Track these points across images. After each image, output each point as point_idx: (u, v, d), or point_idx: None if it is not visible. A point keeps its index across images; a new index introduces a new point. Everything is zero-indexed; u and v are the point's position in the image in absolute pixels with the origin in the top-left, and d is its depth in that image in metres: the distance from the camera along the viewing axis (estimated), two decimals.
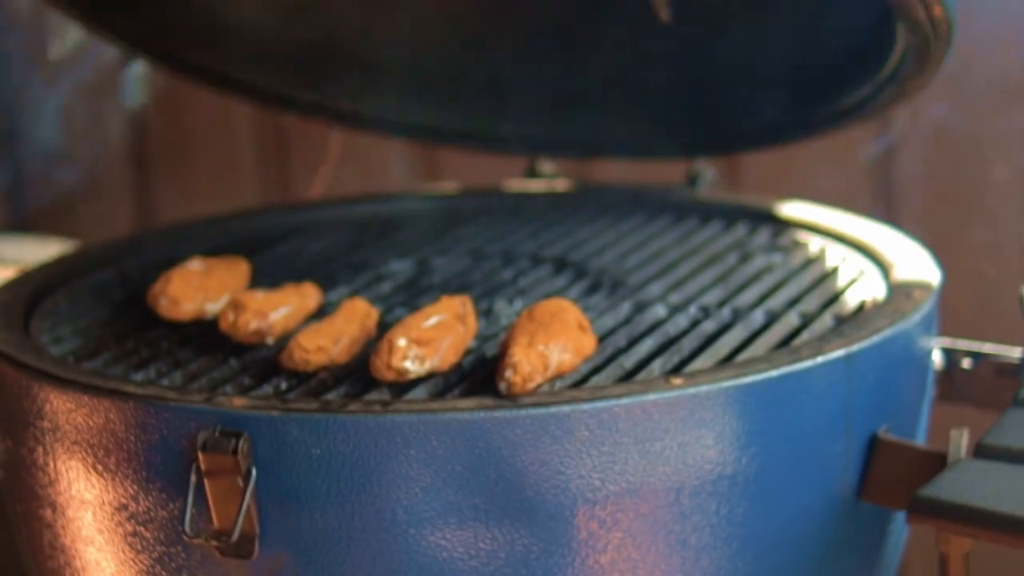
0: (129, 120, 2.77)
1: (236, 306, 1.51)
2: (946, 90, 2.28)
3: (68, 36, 2.65)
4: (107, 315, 1.64)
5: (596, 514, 1.29)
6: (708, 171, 2.07)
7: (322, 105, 2.16)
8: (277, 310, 1.52)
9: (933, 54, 1.56)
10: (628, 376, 1.44)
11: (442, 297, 1.50)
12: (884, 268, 1.68)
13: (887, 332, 1.44)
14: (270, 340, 1.51)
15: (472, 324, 1.46)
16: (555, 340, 1.38)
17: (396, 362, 1.38)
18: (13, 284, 1.67)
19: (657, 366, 1.45)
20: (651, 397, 1.29)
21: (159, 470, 1.31)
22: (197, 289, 1.59)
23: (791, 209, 1.92)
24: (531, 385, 1.32)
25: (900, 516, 1.50)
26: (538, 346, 1.36)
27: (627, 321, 1.59)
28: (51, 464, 1.39)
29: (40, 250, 2.27)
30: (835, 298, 1.63)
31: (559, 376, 1.40)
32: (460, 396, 1.38)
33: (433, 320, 1.43)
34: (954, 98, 2.32)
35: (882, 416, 1.44)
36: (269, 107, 2.29)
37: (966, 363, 1.66)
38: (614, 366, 1.44)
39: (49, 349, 1.50)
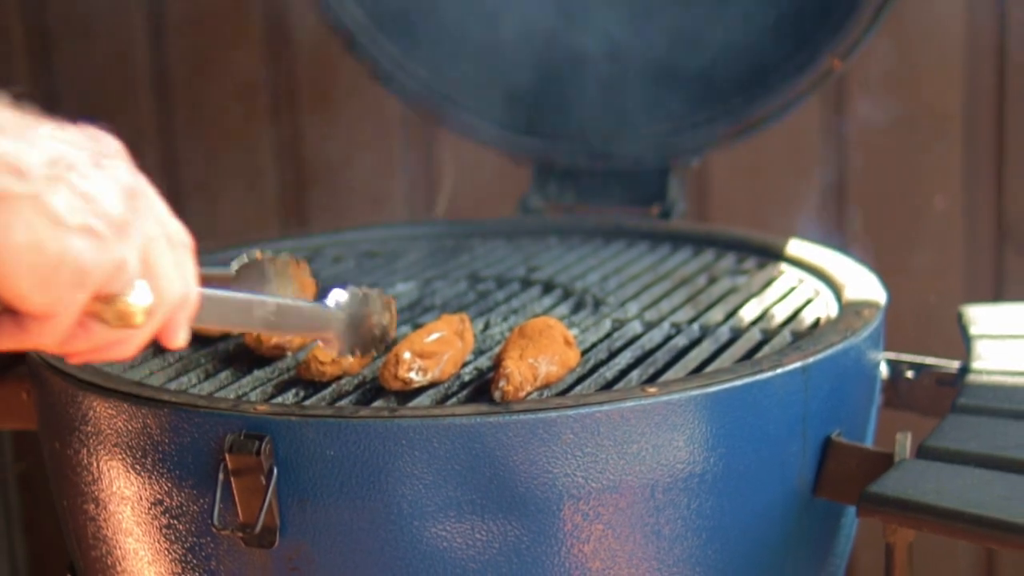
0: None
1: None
2: (892, 125, 2.29)
3: None
4: None
5: (580, 508, 1.29)
6: (680, 203, 2.08)
7: None
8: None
9: None
10: (608, 385, 1.44)
11: (442, 315, 1.51)
12: (836, 290, 1.68)
13: (839, 346, 1.44)
14: (290, 353, 1.51)
15: (469, 339, 1.46)
16: (543, 354, 1.39)
17: (402, 373, 1.38)
18: None
19: (634, 376, 1.46)
20: (629, 404, 1.29)
21: (190, 469, 1.31)
22: None
23: (753, 237, 1.92)
24: (522, 393, 1.33)
25: (851, 510, 1.50)
26: (528, 359, 1.36)
27: (607, 336, 1.59)
28: (94, 464, 1.39)
29: None
30: (793, 316, 1.63)
31: (547, 385, 1.40)
32: (459, 403, 1.38)
33: (435, 336, 1.43)
34: (899, 133, 2.33)
35: (835, 421, 1.44)
36: None
37: (909, 374, 1.67)
38: (596, 376, 1.44)
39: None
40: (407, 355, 1.39)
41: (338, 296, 1.28)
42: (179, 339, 1.07)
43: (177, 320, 1.06)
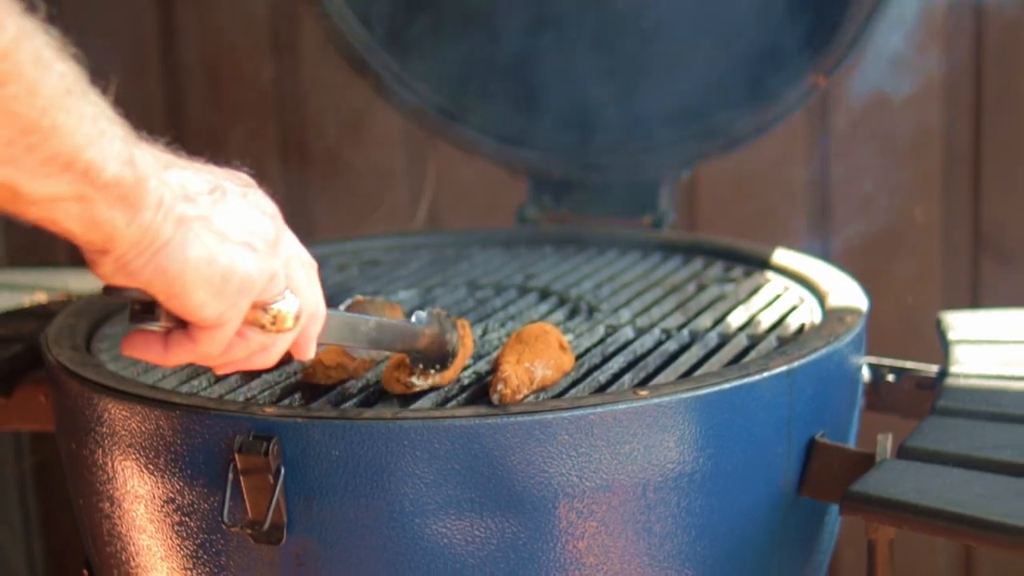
0: None
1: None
2: (874, 140, 2.30)
3: None
4: None
5: (574, 506, 1.29)
6: (670, 214, 2.08)
7: None
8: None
9: None
10: (602, 389, 1.44)
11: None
12: (820, 297, 1.68)
13: (823, 351, 1.44)
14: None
15: (469, 344, 1.46)
16: (539, 358, 1.39)
17: (404, 377, 1.39)
18: (76, 310, 1.67)
19: (626, 380, 1.46)
20: (621, 406, 1.29)
21: (201, 469, 1.31)
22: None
23: (740, 246, 1.93)
24: (519, 396, 1.33)
25: (834, 508, 1.50)
26: (525, 363, 1.36)
27: (601, 342, 1.60)
28: (109, 464, 1.39)
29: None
30: (778, 322, 1.63)
31: (543, 388, 1.40)
32: (458, 406, 1.38)
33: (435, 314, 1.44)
34: (881, 148, 2.33)
35: (819, 423, 1.44)
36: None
37: (890, 377, 1.67)
38: (590, 380, 1.45)
39: (108, 366, 1.50)
40: (409, 360, 1.39)
41: (419, 317, 1.39)
42: (310, 351, 1.19)
43: (310, 332, 1.17)
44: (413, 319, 1.39)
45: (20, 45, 0.86)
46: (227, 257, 1.04)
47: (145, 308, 1.06)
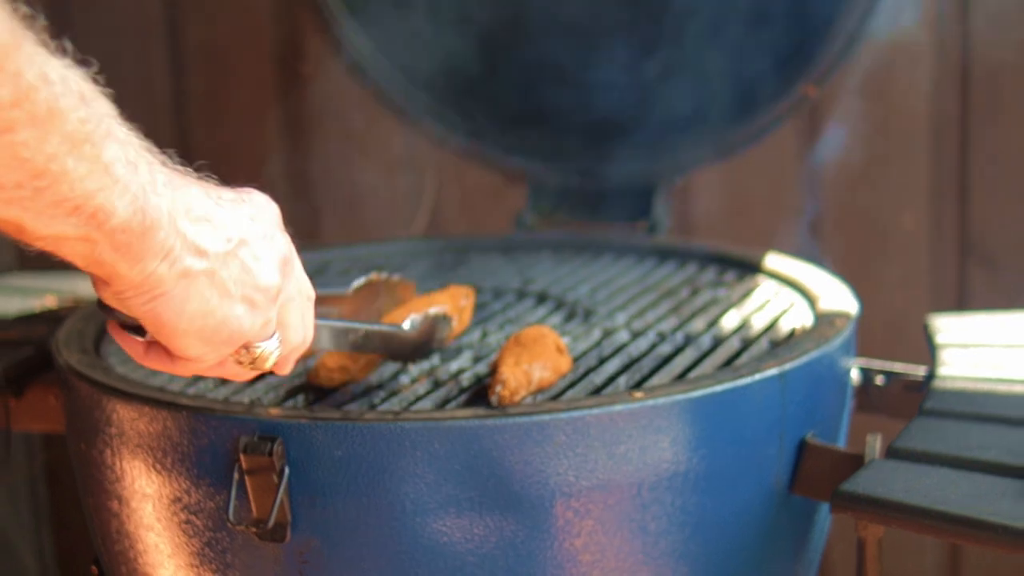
0: None
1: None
2: (862, 150, 2.30)
3: None
4: None
5: (571, 505, 1.29)
6: (664, 220, 2.08)
7: None
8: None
9: None
10: (598, 390, 1.44)
11: (451, 286, 1.51)
12: (811, 300, 1.68)
13: (814, 354, 1.44)
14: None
15: (467, 318, 1.45)
16: (537, 360, 1.39)
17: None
18: (86, 315, 1.67)
19: (622, 382, 1.46)
20: (617, 408, 1.29)
21: (207, 469, 1.31)
22: None
23: (733, 251, 1.93)
24: (517, 398, 1.33)
25: (825, 507, 1.50)
26: (523, 365, 1.36)
27: (597, 344, 1.60)
28: (117, 464, 1.39)
29: None
30: (770, 326, 1.63)
31: (541, 390, 1.40)
32: (458, 407, 1.38)
33: (434, 310, 1.44)
34: (869, 155, 2.33)
35: (810, 423, 1.44)
36: None
37: (879, 380, 1.67)
38: (586, 382, 1.44)
39: (116, 369, 1.50)
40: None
41: (412, 319, 1.40)
42: (287, 371, 1.18)
43: (289, 359, 1.17)
44: (407, 323, 1.39)
45: (34, 94, 0.85)
46: (223, 313, 1.04)
47: (136, 326, 1.07)
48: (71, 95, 0.88)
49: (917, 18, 2.22)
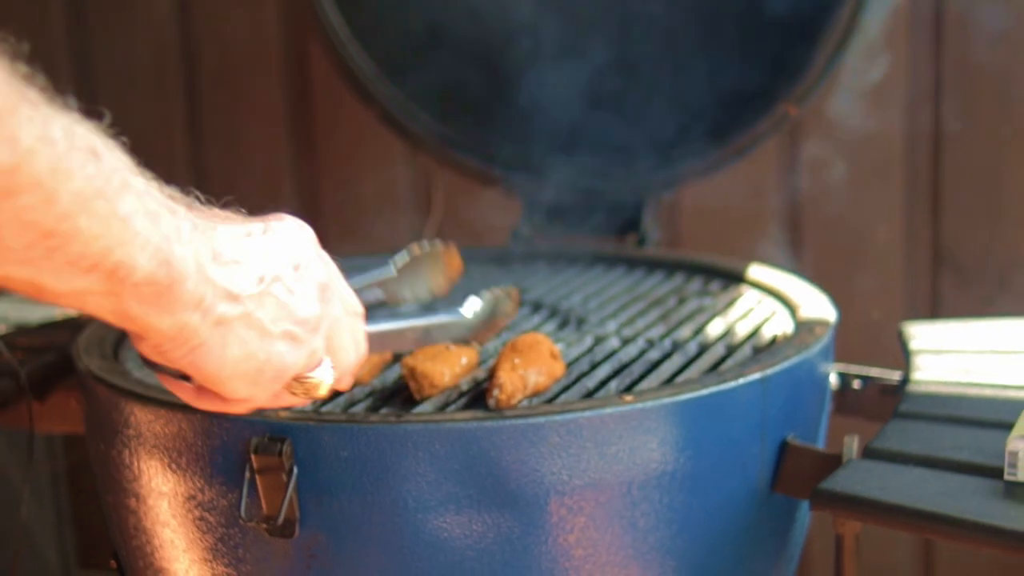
0: None
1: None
2: (841, 166, 2.30)
3: None
4: None
5: (565, 503, 1.29)
6: (653, 233, 2.08)
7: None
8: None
9: None
10: (590, 394, 1.44)
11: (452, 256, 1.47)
12: (792, 309, 1.68)
13: (794, 359, 1.44)
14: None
15: (453, 270, 1.41)
16: (532, 365, 1.39)
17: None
18: (104, 322, 1.66)
19: (613, 386, 1.46)
20: (608, 411, 1.29)
21: (220, 468, 1.31)
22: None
23: (718, 262, 1.93)
24: (514, 401, 1.33)
25: (805, 504, 1.50)
26: (519, 370, 1.36)
27: (589, 351, 1.59)
28: (135, 463, 1.39)
29: None
30: (753, 333, 1.63)
31: (536, 394, 1.40)
32: (458, 410, 1.38)
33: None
34: (847, 173, 2.33)
35: (790, 425, 1.44)
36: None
37: (856, 384, 1.67)
38: (579, 386, 1.44)
39: (134, 373, 1.50)
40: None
41: (473, 304, 1.29)
42: (347, 386, 1.12)
43: (348, 375, 1.11)
44: (468, 307, 1.28)
45: (34, 158, 0.78)
46: (266, 353, 0.98)
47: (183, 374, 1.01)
48: (78, 152, 0.81)
49: (887, 64, 2.22)
